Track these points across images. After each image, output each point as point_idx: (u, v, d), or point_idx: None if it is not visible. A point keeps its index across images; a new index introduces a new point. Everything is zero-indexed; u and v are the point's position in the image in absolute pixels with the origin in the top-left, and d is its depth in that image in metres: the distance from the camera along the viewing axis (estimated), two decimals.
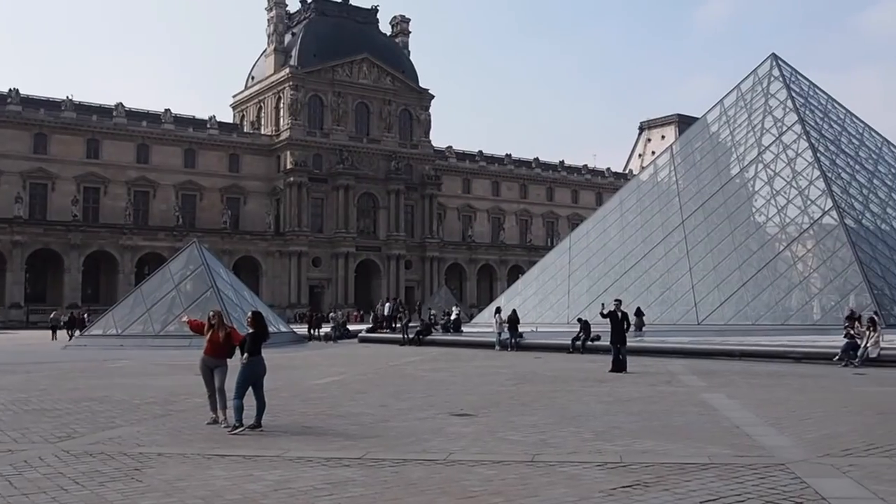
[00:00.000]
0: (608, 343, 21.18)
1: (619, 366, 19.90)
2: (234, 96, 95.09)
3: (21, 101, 73.99)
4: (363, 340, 39.06)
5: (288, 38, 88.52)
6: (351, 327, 44.81)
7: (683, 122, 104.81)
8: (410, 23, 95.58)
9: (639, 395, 14.81)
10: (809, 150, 38.16)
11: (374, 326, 42.84)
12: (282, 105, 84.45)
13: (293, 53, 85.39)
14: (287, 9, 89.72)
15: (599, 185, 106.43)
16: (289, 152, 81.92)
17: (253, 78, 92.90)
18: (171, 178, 79.63)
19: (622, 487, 7.28)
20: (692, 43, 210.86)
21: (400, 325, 38.43)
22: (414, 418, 12.02)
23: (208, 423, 11.29)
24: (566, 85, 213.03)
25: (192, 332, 12.71)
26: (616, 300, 22.71)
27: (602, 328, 24.29)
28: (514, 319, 30.47)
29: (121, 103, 79.08)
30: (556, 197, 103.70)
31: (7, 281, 68.60)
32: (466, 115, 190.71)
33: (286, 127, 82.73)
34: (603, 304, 24.36)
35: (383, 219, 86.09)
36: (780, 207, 38.88)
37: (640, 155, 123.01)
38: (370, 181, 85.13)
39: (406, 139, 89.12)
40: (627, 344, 21.11)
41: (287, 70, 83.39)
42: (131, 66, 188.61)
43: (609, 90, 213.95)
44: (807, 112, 40.85)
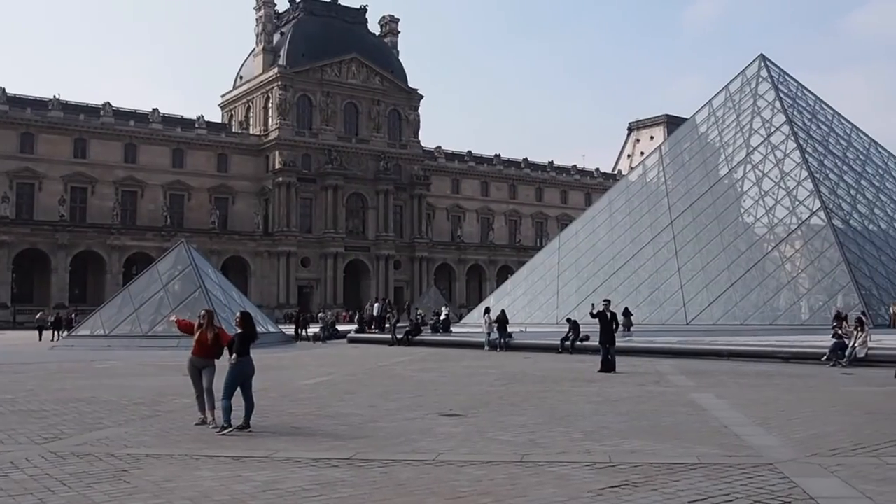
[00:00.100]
0: (597, 343, 21.19)
1: (608, 366, 19.92)
2: (222, 96, 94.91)
3: (7, 101, 73.69)
4: (352, 341, 39.02)
5: (277, 37, 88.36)
6: (340, 328, 44.74)
7: (672, 123, 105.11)
8: (399, 23, 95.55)
9: (628, 395, 14.83)
10: (798, 151, 38.35)
11: (361, 328, 42.72)
12: (270, 105, 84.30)
13: (282, 53, 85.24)
14: (276, 8, 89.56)
15: (589, 186, 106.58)
16: (277, 152, 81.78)
17: (241, 77, 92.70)
18: (159, 177, 79.37)
19: (611, 487, 7.27)
20: (681, 43, 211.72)
21: (389, 325, 38.39)
22: (403, 419, 12.00)
23: (196, 424, 11.24)
24: (555, 85, 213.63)
25: (180, 333, 12.67)
26: (605, 300, 22.72)
27: (591, 328, 24.32)
28: (503, 320, 30.47)
29: (108, 102, 78.81)
30: (545, 197, 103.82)
31: None
32: (456, 116, 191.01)
33: (275, 127, 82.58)
34: (593, 305, 24.39)
35: (372, 219, 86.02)
36: (768, 208, 39.05)
37: (629, 155, 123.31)
38: (359, 181, 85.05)
39: (395, 139, 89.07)
40: (616, 344, 21.15)
41: (276, 70, 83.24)
42: (119, 66, 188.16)
43: (598, 90, 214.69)
44: (795, 113, 41.05)
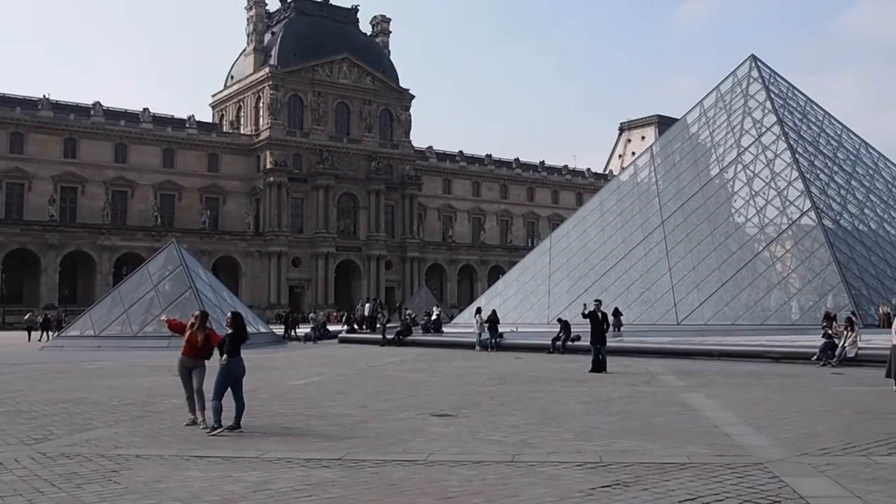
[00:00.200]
0: (588, 343, 21.23)
1: (599, 366, 19.94)
2: (213, 96, 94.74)
3: None
4: (343, 341, 39.01)
5: (268, 37, 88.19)
6: (331, 328, 44.70)
7: (663, 123, 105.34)
8: (391, 23, 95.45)
9: (618, 396, 14.86)
10: (788, 152, 38.44)
11: (351, 328, 42.62)
12: (261, 105, 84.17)
13: (273, 53, 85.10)
14: (267, 8, 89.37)
15: (580, 186, 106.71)
16: (268, 152, 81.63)
17: (232, 77, 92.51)
18: (150, 177, 79.11)
19: (601, 487, 7.29)
20: (672, 43, 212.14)
21: (379, 325, 38.36)
22: (394, 419, 12.00)
23: (187, 425, 11.22)
24: (546, 85, 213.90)
25: (170, 333, 12.66)
26: (596, 300, 22.73)
27: (582, 328, 24.35)
28: (494, 320, 30.49)
29: (98, 102, 78.52)
30: (536, 197, 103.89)
31: None
32: (447, 116, 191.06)
33: (266, 127, 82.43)
34: (585, 305, 24.44)
35: (363, 219, 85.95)
36: (759, 208, 39.14)
37: (620, 155, 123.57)
38: (350, 181, 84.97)
39: (386, 139, 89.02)
40: (607, 344, 21.18)
41: (267, 69, 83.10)
42: (109, 65, 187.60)
43: (589, 91, 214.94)
44: (785, 113, 41.16)
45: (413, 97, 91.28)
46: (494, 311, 31.59)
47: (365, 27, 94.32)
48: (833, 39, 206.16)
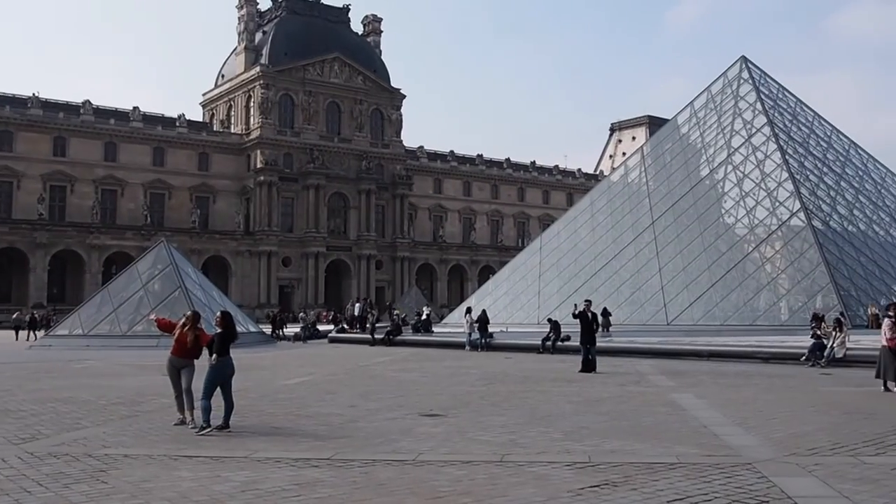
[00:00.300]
0: (578, 343, 21.25)
1: (588, 366, 19.97)
2: (203, 94, 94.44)
3: None
4: (333, 341, 38.95)
5: (259, 36, 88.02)
6: (321, 327, 44.63)
7: (654, 124, 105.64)
8: (382, 22, 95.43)
9: (608, 396, 14.87)
10: (778, 153, 38.58)
11: (341, 329, 42.54)
12: (252, 104, 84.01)
13: (264, 52, 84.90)
14: (258, 7, 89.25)
15: (570, 186, 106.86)
16: (259, 151, 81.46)
17: (223, 76, 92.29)
18: (140, 176, 78.83)
19: (590, 487, 7.29)
20: (663, 44, 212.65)
21: (368, 325, 38.32)
22: (383, 419, 11.99)
23: (175, 424, 11.19)
24: (537, 85, 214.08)
25: (159, 332, 12.62)
26: (586, 300, 22.75)
27: (572, 328, 24.38)
28: (484, 320, 30.51)
29: (88, 101, 78.20)
30: (527, 197, 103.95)
31: None
32: (438, 116, 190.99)
33: (256, 126, 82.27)
34: (575, 305, 24.46)
35: (354, 219, 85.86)
36: (749, 209, 39.28)
37: (610, 156, 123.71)
38: (341, 181, 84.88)
39: (377, 139, 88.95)
40: (597, 344, 21.20)
41: (258, 68, 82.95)
42: (99, 63, 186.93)
43: (580, 91, 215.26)
44: (776, 115, 41.30)
45: (404, 97, 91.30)
46: (484, 311, 31.62)
47: (356, 26, 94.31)
48: (825, 40, 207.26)
